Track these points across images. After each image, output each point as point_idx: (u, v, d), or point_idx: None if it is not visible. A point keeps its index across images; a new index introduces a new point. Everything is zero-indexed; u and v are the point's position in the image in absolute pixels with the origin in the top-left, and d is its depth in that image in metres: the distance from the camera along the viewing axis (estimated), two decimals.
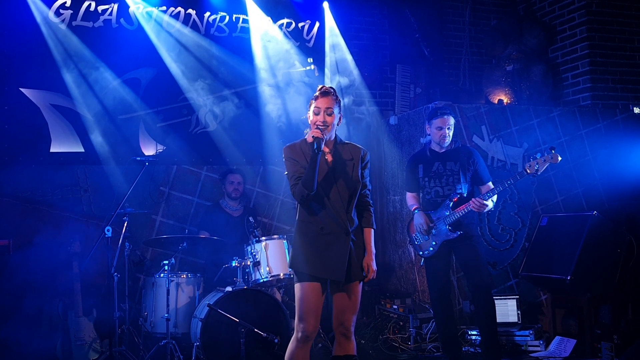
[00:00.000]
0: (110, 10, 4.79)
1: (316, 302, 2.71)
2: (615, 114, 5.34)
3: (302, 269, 2.72)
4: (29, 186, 4.59)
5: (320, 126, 2.71)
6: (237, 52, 5.13)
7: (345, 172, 2.77)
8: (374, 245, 2.86)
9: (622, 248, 4.25)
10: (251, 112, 5.15)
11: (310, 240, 2.73)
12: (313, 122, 2.75)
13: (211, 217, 4.67)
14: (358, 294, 2.80)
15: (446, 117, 3.80)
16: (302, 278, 2.72)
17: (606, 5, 5.56)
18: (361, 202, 2.86)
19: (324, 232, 2.71)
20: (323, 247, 2.71)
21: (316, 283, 2.71)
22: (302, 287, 2.71)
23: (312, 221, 2.73)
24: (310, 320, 2.69)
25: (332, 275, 2.71)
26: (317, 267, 2.70)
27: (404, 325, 4.57)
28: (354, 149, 2.85)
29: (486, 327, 3.75)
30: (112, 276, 3.96)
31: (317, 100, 2.76)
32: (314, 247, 2.72)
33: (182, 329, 4.07)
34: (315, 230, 2.73)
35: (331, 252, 2.70)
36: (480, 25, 6.10)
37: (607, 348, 3.95)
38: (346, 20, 5.47)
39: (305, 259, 2.72)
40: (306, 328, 2.70)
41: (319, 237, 2.72)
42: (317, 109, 2.74)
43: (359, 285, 2.81)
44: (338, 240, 2.71)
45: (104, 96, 4.74)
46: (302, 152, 2.76)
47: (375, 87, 5.63)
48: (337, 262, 2.69)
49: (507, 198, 4.85)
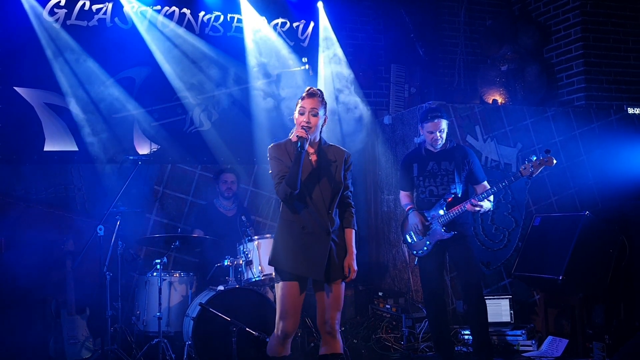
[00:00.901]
0: (104, 10, 4.79)
1: (295, 301, 2.76)
2: (609, 115, 5.34)
3: (283, 267, 2.77)
4: (22, 185, 4.60)
5: (304, 126, 2.76)
6: (231, 52, 5.14)
7: (329, 172, 2.82)
8: (355, 245, 2.90)
9: (614, 248, 4.25)
10: (245, 112, 5.16)
11: (291, 239, 2.77)
12: (298, 122, 2.79)
13: (205, 217, 4.67)
14: (340, 293, 2.83)
15: (437, 121, 3.78)
16: (283, 277, 2.77)
17: (601, 6, 5.56)
18: (343, 203, 2.90)
19: (306, 231, 2.75)
20: (304, 246, 2.75)
21: (295, 282, 2.76)
22: (283, 286, 2.76)
23: (295, 220, 2.78)
24: (290, 319, 2.74)
25: (312, 273, 2.75)
26: (297, 266, 2.74)
27: (396, 324, 4.58)
28: (338, 151, 2.90)
29: (478, 326, 3.75)
30: (104, 275, 3.96)
31: (303, 101, 2.80)
32: (295, 245, 2.76)
33: (174, 328, 4.08)
34: (297, 228, 2.77)
35: (312, 251, 2.74)
36: (475, 25, 6.10)
37: (598, 348, 3.95)
38: (341, 19, 5.48)
39: (285, 257, 2.76)
40: (285, 326, 2.75)
41: (301, 235, 2.76)
42: (302, 109, 2.79)
43: (341, 284, 2.84)
44: (319, 239, 2.75)
45: (97, 95, 4.74)
46: (287, 151, 2.80)
47: (370, 87, 5.64)
48: (317, 261, 2.73)
49: (501, 198, 4.85)
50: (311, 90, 2.82)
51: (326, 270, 2.76)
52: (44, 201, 4.63)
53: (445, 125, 3.83)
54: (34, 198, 4.61)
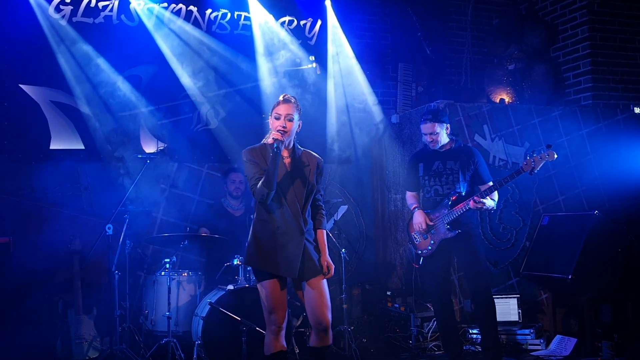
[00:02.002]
0: (111, 7, 4.75)
1: (279, 296, 2.90)
2: (616, 114, 5.35)
3: (258, 267, 2.89)
4: (29, 183, 4.55)
5: (280, 130, 2.89)
6: (238, 50, 5.10)
7: (302, 175, 2.96)
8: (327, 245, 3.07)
9: (622, 248, 4.26)
10: (253, 110, 5.13)
11: (266, 239, 2.89)
12: (274, 126, 2.92)
13: (213, 216, 4.65)
14: (324, 290, 2.94)
15: (429, 124, 3.78)
16: (262, 277, 2.89)
17: (608, 5, 5.56)
18: (314, 205, 3.06)
19: (280, 231, 2.88)
20: (278, 246, 2.87)
21: (275, 279, 2.89)
22: (264, 285, 2.89)
23: (270, 220, 2.90)
24: (280, 312, 2.89)
25: (286, 272, 2.87)
26: (271, 265, 2.86)
27: (405, 324, 4.57)
28: (311, 156, 3.06)
29: (486, 326, 3.76)
30: (112, 274, 3.94)
31: (278, 107, 2.95)
32: (270, 245, 2.88)
33: (183, 327, 4.06)
34: (271, 229, 2.89)
35: (286, 251, 2.87)
36: (483, 24, 6.09)
37: (607, 347, 3.96)
38: (348, 18, 5.45)
39: (260, 256, 2.88)
40: (277, 319, 2.88)
41: (275, 235, 2.88)
42: (277, 115, 2.93)
43: (323, 281, 2.96)
44: (293, 239, 2.88)
45: (104, 93, 4.70)
46: (262, 155, 2.93)
47: (377, 85, 5.62)
48: (291, 260, 2.86)
49: (509, 197, 4.85)
50: (286, 97, 2.97)
51: (301, 268, 2.88)
52: (50, 200, 4.59)
53: (440, 128, 3.79)
54: (40, 197, 4.58)
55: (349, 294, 4.95)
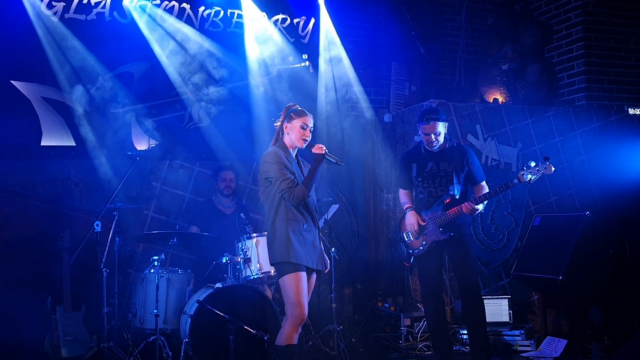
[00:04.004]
0: (103, 3, 4.74)
1: (306, 289, 3.10)
2: (610, 115, 5.33)
3: (300, 262, 3.05)
4: (18, 180, 4.55)
5: (305, 139, 3.16)
6: (231, 48, 5.09)
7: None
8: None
9: (614, 249, 4.24)
10: (244, 109, 5.12)
11: (299, 236, 3.10)
12: (299, 135, 3.15)
13: (203, 214, 4.64)
14: (313, 286, 3.25)
15: (433, 124, 3.72)
16: (298, 269, 3.05)
17: (602, 6, 5.55)
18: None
19: (307, 229, 3.13)
20: (308, 242, 3.12)
21: (304, 273, 3.08)
22: (298, 276, 3.05)
23: (299, 219, 3.11)
24: (305, 304, 3.06)
25: (320, 265, 3.17)
26: (309, 260, 3.10)
27: (395, 323, 4.56)
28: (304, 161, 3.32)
29: (476, 326, 3.74)
30: (101, 271, 3.92)
31: (305, 117, 3.18)
32: (304, 242, 3.10)
33: (171, 325, 4.05)
34: (301, 227, 3.12)
35: (314, 246, 3.15)
36: (477, 23, 6.08)
37: (597, 349, 3.95)
38: (342, 16, 5.44)
39: (298, 252, 3.06)
40: (302, 312, 3.02)
41: (304, 232, 3.12)
42: (304, 125, 3.16)
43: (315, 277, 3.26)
44: (316, 236, 3.18)
45: (95, 90, 4.69)
46: (284, 157, 3.13)
47: (370, 85, 5.61)
48: (320, 254, 3.18)
49: (501, 197, 4.83)
50: (304, 110, 3.22)
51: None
52: (40, 196, 4.59)
53: (442, 127, 3.76)
54: (30, 193, 4.57)
55: (340, 293, 4.95)
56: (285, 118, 3.19)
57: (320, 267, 3.16)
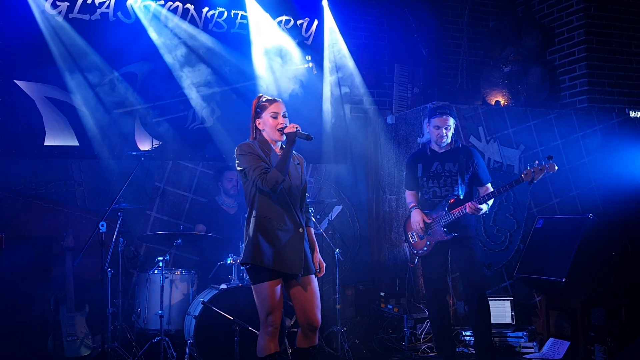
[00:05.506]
0: (107, 3, 4.74)
1: (279, 296, 2.86)
2: (611, 118, 5.36)
3: (263, 265, 2.81)
4: (22, 179, 4.54)
5: (281, 128, 2.92)
6: (235, 48, 5.09)
7: (297, 172, 3.00)
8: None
9: (616, 251, 4.26)
10: (248, 109, 5.09)
11: (269, 236, 2.84)
12: (273, 124, 2.94)
13: (207, 214, 4.64)
14: (315, 289, 2.93)
15: (445, 117, 3.78)
16: (262, 278, 2.82)
17: (604, 9, 5.57)
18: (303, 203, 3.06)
19: (282, 228, 2.85)
20: (281, 243, 2.84)
21: (274, 280, 2.83)
22: (264, 287, 2.82)
23: (272, 217, 2.85)
24: (278, 313, 2.84)
25: (291, 269, 2.84)
26: (277, 262, 2.81)
27: (398, 325, 4.57)
28: (298, 155, 3.10)
29: (480, 328, 3.75)
30: (105, 272, 3.92)
31: (271, 106, 2.97)
32: (274, 242, 2.84)
33: (175, 326, 4.04)
34: (274, 226, 2.85)
35: (289, 247, 2.85)
36: (479, 26, 6.10)
37: (600, 351, 3.96)
38: (345, 18, 5.45)
39: (266, 254, 2.82)
40: (275, 320, 2.83)
41: (278, 232, 2.84)
42: (274, 114, 2.95)
43: (315, 280, 2.95)
44: (294, 235, 2.87)
45: (99, 90, 4.68)
46: (258, 148, 2.92)
47: (373, 86, 5.62)
48: (295, 256, 2.85)
49: (503, 199, 4.85)
50: (273, 97, 3.04)
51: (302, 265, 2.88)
52: (43, 196, 4.58)
53: (452, 123, 3.82)
54: (33, 193, 4.56)
55: (343, 294, 4.95)
56: (255, 115, 3.01)
57: (300, 272, 2.83)
